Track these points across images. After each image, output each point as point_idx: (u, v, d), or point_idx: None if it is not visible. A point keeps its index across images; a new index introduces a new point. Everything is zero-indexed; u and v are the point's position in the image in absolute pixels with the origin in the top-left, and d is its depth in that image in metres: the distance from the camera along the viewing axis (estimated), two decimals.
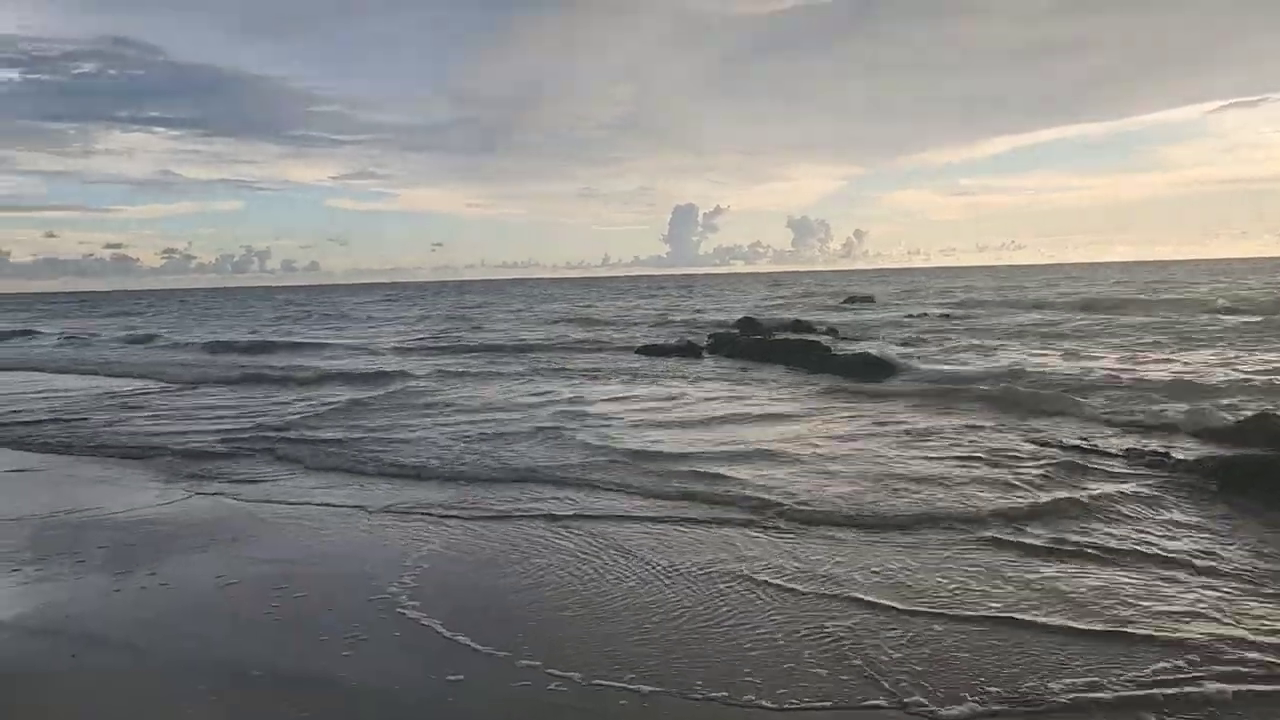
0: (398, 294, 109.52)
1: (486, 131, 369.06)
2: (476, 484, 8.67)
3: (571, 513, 7.46)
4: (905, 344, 22.31)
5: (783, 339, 22.26)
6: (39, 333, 41.54)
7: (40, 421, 13.45)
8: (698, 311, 43.94)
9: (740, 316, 33.60)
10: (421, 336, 32.77)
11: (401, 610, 5.34)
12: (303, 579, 5.96)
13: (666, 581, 5.73)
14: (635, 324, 35.79)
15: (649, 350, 23.21)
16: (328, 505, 8.01)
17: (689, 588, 5.61)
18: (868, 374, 16.21)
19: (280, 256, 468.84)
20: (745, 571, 5.88)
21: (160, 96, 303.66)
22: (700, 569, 5.96)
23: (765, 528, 6.91)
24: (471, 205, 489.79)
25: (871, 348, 19.91)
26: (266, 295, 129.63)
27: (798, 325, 28.98)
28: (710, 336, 24.85)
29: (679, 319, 37.48)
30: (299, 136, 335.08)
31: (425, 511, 7.64)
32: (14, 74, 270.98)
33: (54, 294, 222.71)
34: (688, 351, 22.50)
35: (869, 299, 48.80)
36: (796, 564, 6.02)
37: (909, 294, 56.35)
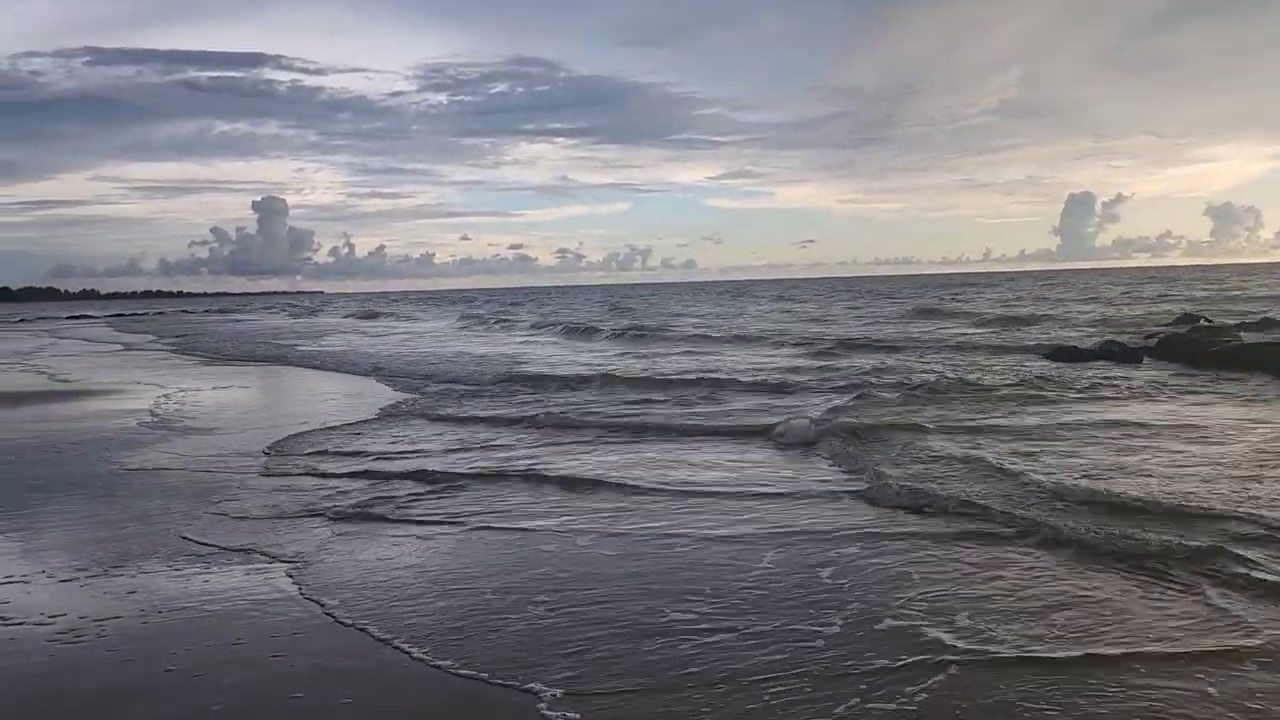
0: (777, 291, 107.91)
1: (861, 125, 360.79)
2: None
3: None
4: None
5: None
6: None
7: None
8: (1106, 308, 36.73)
9: (1180, 313, 26.82)
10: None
11: None
12: None
13: None
14: (1026, 321, 30.04)
15: (1061, 354, 18.14)
16: None
17: None
18: None
19: (660, 255, 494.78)
20: None
21: (559, 109, 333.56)
22: None
23: None
24: (843, 201, 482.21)
25: None
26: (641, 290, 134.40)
27: (1267, 323, 21.98)
28: (1148, 336, 19.15)
29: (1083, 317, 30.98)
30: (681, 140, 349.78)
31: None
32: (443, 97, 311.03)
33: (467, 290, 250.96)
34: (1118, 355, 17.23)
35: None
36: None
37: None
